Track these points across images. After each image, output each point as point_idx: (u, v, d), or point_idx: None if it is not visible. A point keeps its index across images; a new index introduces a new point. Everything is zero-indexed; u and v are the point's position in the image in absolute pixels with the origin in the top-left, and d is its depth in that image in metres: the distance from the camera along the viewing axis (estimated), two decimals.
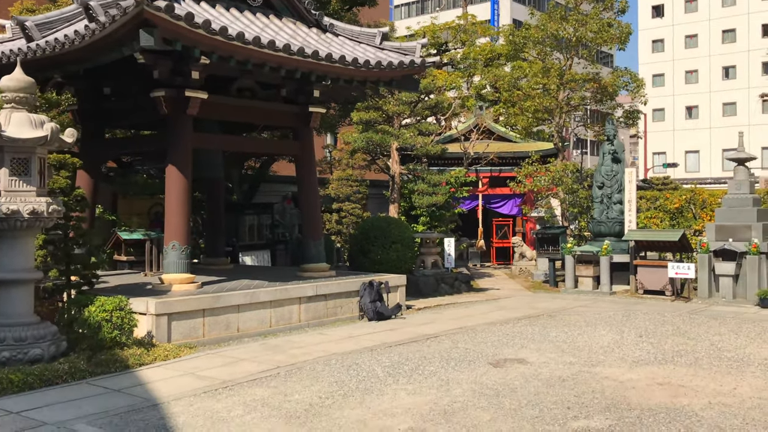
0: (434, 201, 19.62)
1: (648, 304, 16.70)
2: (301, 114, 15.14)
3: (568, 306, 16.40)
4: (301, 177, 15.51)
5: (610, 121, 19.94)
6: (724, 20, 70.46)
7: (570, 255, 19.02)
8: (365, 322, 14.20)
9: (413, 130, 19.68)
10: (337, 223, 21.49)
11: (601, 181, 19.69)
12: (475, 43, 32.08)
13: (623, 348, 11.38)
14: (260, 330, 12.82)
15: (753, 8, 68.02)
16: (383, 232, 18.67)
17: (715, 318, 14.41)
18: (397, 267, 18.59)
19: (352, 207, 21.19)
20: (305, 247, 15.55)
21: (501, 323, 13.94)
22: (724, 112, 69.30)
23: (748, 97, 67.23)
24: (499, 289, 20.28)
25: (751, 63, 67.40)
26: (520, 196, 25.50)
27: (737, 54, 68.64)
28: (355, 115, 19.86)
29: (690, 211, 19.72)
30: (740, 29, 68.90)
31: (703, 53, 71.08)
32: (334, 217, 21.59)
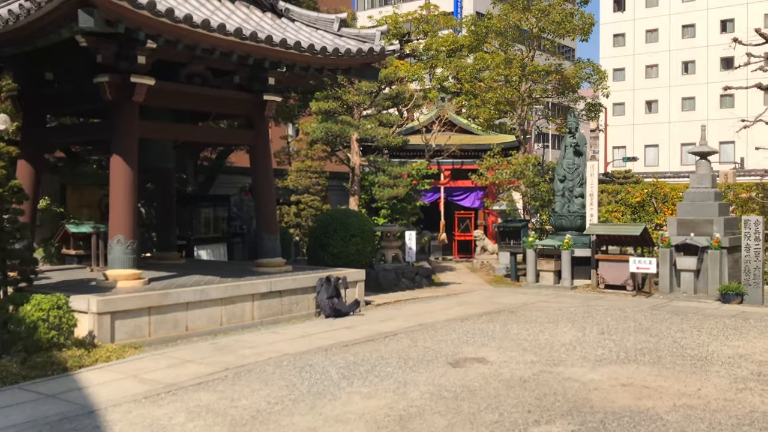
0: (395, 193, 19.18)
1: (609, 299, 16.52)
2: (256, 102, 14.53)
3: (530, 301, 16.13)
4: (255, 167, 14.92)
5: (572, 114, 19.71)
6: (684, 15, 71.26)
7: (531, 249, 18.77)
8: (322, 319, 13.71)
9: (374, 121, 19.19)
10: (295, 216, 20.92)
11: (562, 174, 19.45)
12: (437, 34, 31.67)
13: (585, 346, 11.09)
14: (211, 329, 12.25)
15: (712, 4, 68.92)
16: (342, 225, 18.17)
17: (676, 314, 14.25)
18: (357, 261, 18.13)
19: (311, 199, 20.64)
20: (260, 241, 14.97)
21: (462, 319, 13.57)
22: (683, 107, 70.23)
23: (707, 92, 68.23)
24: (461, 283, 19.95)
25: (709, 58, 68.29)
26: (482, 188, 25.20)
27: (696, 49, 69.49)
28: (314, 104, 19.29)
29: (651, 205, 19.59)
30: (699, 25, 69.72)
31: (663, 48, 71.87)
32: (293, 209, 21.02)
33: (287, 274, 14.21)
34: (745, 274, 15.64)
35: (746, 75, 66.20)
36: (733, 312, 14.46)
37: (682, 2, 70.30)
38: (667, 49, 70.74)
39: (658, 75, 71.23)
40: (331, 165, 24.69)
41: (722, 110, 67.44)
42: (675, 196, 19.40)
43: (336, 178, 24.84)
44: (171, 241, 17.00)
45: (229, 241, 23.25)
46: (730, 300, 15.50)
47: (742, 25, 66.78)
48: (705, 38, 68.59)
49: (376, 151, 21.88)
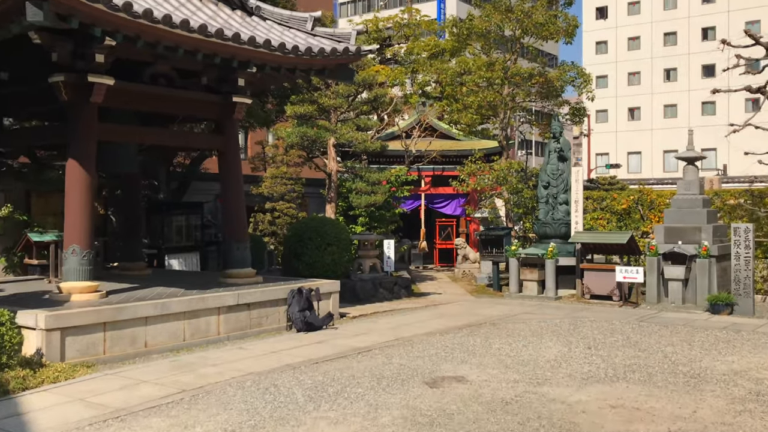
0: (373, 200, 18.47)
1: (595, 310, 15.89)
2: (225, 104, 13.79)
3: (512, 313, 15.46)
4: (224, 173, 14.17)
5: (556, 118, 19.12)
6: (666, 23, 71.40)
7: (514, 258, 18.12)
8: (293, 333, 12.95)
9: (351, 126, 18.49)
10: (270, 224, 20.16)
11: (546, 180, 18.84)
12: (419, 38, 31.06)
13: (571, 362, 10.42)
14: (172, 345, 11.45)
15: (693, 12, 69.10)
16: (318, 233, 17.45)
17: (665, 326, 13.63)
18: (333, 271, 17.42)
19: (287, 207, 19.89)
20: (228, 250, 14.20)
21: (441, 333, 12.86)
22: (665, 114, 70.34)
23: (689, 99, 68.39)
24: (441, 293, 19.26)
25: (691, 66, 68.44)
26: (463, 195, 24.56)
27: (678, 57, 69.62)
28: (289, 108, 18.55)
29: (638, 212, 19.03)
30: (681, 32, 69.87)
31: (646, 55, 71.97)
32: (267, 217, 20.25)
33: (257, 285, 13.45)
34: (734, 283, 15.07)
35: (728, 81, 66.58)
36: (724, 324, 13.86)
37: (664, 10, 70.43)
38: (650, 57, 70.81)
39: (640, 82, 71.28)
40: (309, 172, 23.99)
41: (704, 117, 67.65)
42: (662, 203, 18.84)
43: (314, 185, 24.11)
44: (137, 251, 16.18)
45: (203, 250, 22.45)
46: (720, 311, 14.92)
47: (724, 33, 66.77)
48: (687, 46, 68.75)
49: (354, 157, 21.18)
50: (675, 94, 68.79)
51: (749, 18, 66.92)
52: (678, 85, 68.77)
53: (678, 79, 68.95)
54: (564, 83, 22.44)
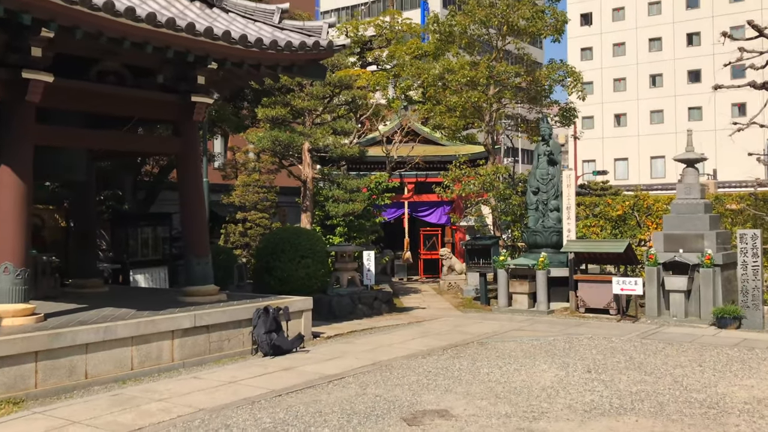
0: (352, 209, 17.19)
1: (591, 325, 14.66)
2: (183, 105, 12.48)
3: (502, 329, 14.19)
4: (182, 180, 12.86)
5: (545, 120, 17.95)
6: (651, 29, 70.99)
7: (503, 269, 16.88)
8: (259, 358, 11.61)
9: (327, 129, 17.24)
10: (241, 236, 18.82)
11: (536, 185, 17.63)
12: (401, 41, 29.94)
13: (570, 390, 9.15)
14: (118, 375, 10.08)
15: (678, 18, 68.69)
16: (291, 245, 16.16)
17: (670, 343, 12.40)
18: (307, 286, 16.14)
19: (259, 216, 18.56)
20: (188, 266, 12.87)
21: (423, 355, 11.57)
22: (651, 120, 69.87)
23: (675, 105, 67.94)
24: (425, 308, 17.97)
25: (677, 71, 67.97)
26: (448, 203, 23.33)
27: (664, 62, 69.20)
28: (260, 111, 17.27)
29: (634, 218, 17.86)
30: (666, 38, 69.50)
31: (631, 61, 71.44)
32: (239, 228, 18.91)
33: (218, 305, 12.11)
34: (742, 294, 13.90)
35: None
36: (734, 340, 12.66)
37: (649, 16, 69.98)
38: (635, 63, 70.29)
39: (626, 88, 70.72)
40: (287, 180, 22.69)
41: (690, 123, 67.13)
42: (659, 209, 17.68)
43: (292, 194, 22.81)
44: (91, 266, 14.80)
45: (171, 264, 21.10)
46: (727, 324, 13.73)
47: (708, 39, 66.59)
48: (672, 51, 68.30)
49: (332, 164, 19.91)
50: (661, 100, 68.30)
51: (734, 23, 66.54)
52: (664, 90, 68.28)
53: (664, 84, 68.46)
54: (553, 82, 21.30)
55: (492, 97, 20.22)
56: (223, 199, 19.64)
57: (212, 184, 22.19)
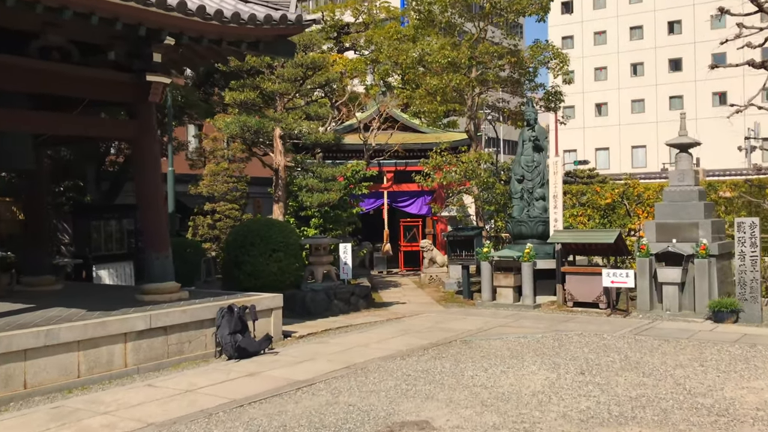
0: (327, 199, 16.19)
1: (581, 320, 13.81)
2: (137, 84, 11.40)
3: (487, 326, 13.30)
4: (138, 167, 11.81)
5: (530, 103, 17.04)
6: (632, 17, 70.46)
7: (486, 261, 15.98)
8: (223, 361, 10.62)
9: (299, 114, 16.20)
10: (210, 228, 17.76)
11: (520, 173, 16.73)
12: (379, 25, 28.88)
13: (563, 395, 8.27)
14: (63, 383, 9.05)
15: (659, 5, 68.19)
16: (261, 238, 15.14)
17: (666, 340, 11.58)
18: (280, 281, 15.14)
19: (229, 208, 17.51)
20: (146, 261, 11.84)
21: (402, 356, 10.64)
22: (632, 109, 69.47)
23: (656, 93, 67.54)
24: (406, 302, 17.05)
25: (658, 60, 67.55)
26: (429, 193, 22.41)
27: (645, 51, 68.76)
28: (228, 95, 16.19)
29: (623, 207, 17.03)
30: (647, 26, 69.03)
31: (612, 50, 70.89)
32: (207, 220, 17.85)
33: (178, 303, 11.08)
34: (740, 286, 13.11)
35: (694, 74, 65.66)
36: (733, 335, 11.86)
37: (630, 4, 69.40)
38: (616, 51, 69.76)
39: (607, 77, 70.19)
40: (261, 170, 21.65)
41: (671, 112, 66.81)
42: (650, 197, 16.86)
43: (265, 184, 21.75)
44: (42, 263, 13.69)
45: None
46: (724, 319, 12.95)
47: (689, 26, 66.25)
48: (653, 40, 67.83)
49: (305, 151, 18.88)
50: (642, 89, 67.83)
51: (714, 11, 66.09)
52: (645, 79, 67.77)
53: (645, 73, 67.97)
54: (539, 64, 20.36)
55: (474, 79, 19.24)
56: (191, 189, 18.57)
57: (180, 174, 21.11)
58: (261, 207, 25.92)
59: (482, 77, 19.57)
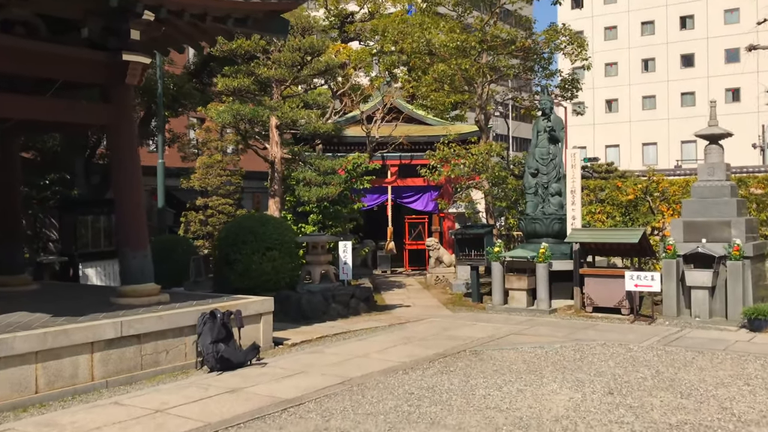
0: (325, 193, 15.04)
1: (602, 328, 12.61)
2: (113, 65, 10.28)
3: (498, 333, 12.11)
4: (114, 156, 10.71)
5: (545, 91, 15.82)
6: (643, 12, 69.18)
7: (497, 262, 14.80)
8: (204, 373, 9.49)
9: (296, 102, 15.04)
10: (202, 224, 16.63)
11: (535, 166, 15.51)
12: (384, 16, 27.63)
13: (590, 420, 7.09)
14: (17, 400, 7.94)
15: (671, 0, 66.91)
16: (255, 235, 14.04)
17: (700, 352, 10.38)
18: (274, 281, 14.06)
19: (222, 203, 16.37)
20: (123, 260, 10.72)
21: (405, 370, 9.48)
22: (643, 106, 68.24)
23: (668, 90, 66.32)
24: (410, 305, 15.88)
25: (669, 56, 66.32)
26: (436, 188, 21.22)
27: (657, 46, 67.50)
28: (221, 81, 15.04)
29: (646, 203, 15.80)
30: (659, 21, 67.75)
31: (623, 45, 69.58)
32: (199, 216, 16.72)
33: (156, 308, 9.95)
34: None
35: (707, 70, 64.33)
36: None
37: None
38: (627, 47, 68.44)
39: (617, 73, 68.86)
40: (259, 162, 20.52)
41: (684, 109, 65.69)
42: (675, 192, 15.62)
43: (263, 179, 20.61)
44: (16, 261, 12.61)
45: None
46: (762, 327, 11.74)
47: (702, 21, 64.93)
48: (665, 35, 66.50)
49: (304, 142, 17.72)
50: (654, 85, 66.52)
51: (728, 6, 64.97)
52: (656, 75, 66.44)
53: (656, 69, 66.66)
54: (555, 49, 19.10)
55: (485, 66, 17.98)
56: (183, 182, 17.44)
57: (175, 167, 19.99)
58: (260, 202, 24.79)
59: (493, 64, 18.31)
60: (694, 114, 64.39)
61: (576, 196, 14.40)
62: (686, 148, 62.01)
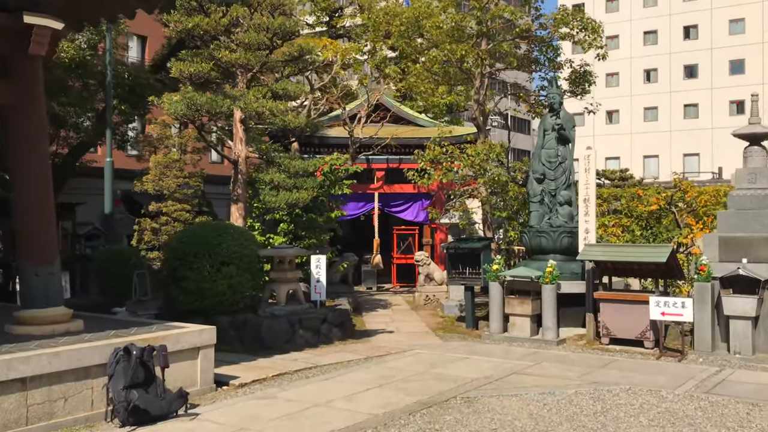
0: (295, 199, 12.81)
1: (623, 365, 10.37)
2: (13, 29, 8.08)
3: (497, 372, 9.87)
4: (14, 146, 8.45)
5: (554, 83, 13.67)
6: (646, 21, 67.77)
7: (497, 282, 12.59)
8: (115, 428, 7.24)
9: (263, 91, 12.87)
10: (154, 234, 14.40)
11: (541, 171, 13.32)
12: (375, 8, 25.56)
13: None
14: None
15: (675, 9, 65.66)
16: (209, 247, 11.82)
17: (754, 404, 8.15)
18: (230, 303, 11.87)
19: (178, 209, 14.15)
20: (23, 279, 8.52)
21: (376, 428, 7.24)
22: (645, 117, 66.99)
23: (670, 101, 64.89)
24: (393, 331, 13.64)
25: (672, 66, 64.89)
26: (428, 196, 19.02)
27: (659, 57, 66.10)
28: (175, 66, 12.84)
29: (671, 215, 13.61)
30: (662, 31, 66.46)
31: (624, 55, 68.00)
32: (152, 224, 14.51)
33: (57, 340, 7.69)
34: None
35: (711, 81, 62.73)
36: None
37: (644, 7, 66.57)
38: (629, 57, 66.75)
39: (618, 84, 67.13)
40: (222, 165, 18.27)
41: (686, 121, 64.19)
42: (705, 203, 13.44)
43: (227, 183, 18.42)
44: None
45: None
46: None
47: (706, 32, 63.37)
48: (668, 45, 65.04)
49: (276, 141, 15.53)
50: (655, 96, 65.04)
51: (733, 16, 63.54)
52: (659, 86, 64.89)
53: (659, 80, 65.11)
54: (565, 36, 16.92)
55: (484, 52, 15.73)
56: (136, 185, 15.24)
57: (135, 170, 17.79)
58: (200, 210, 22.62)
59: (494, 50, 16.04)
60: (697, 126, 62.95)
61: (590, 206, 12.18)
62: (688, 161, 60.51)
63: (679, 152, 63.81)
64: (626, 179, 20.48)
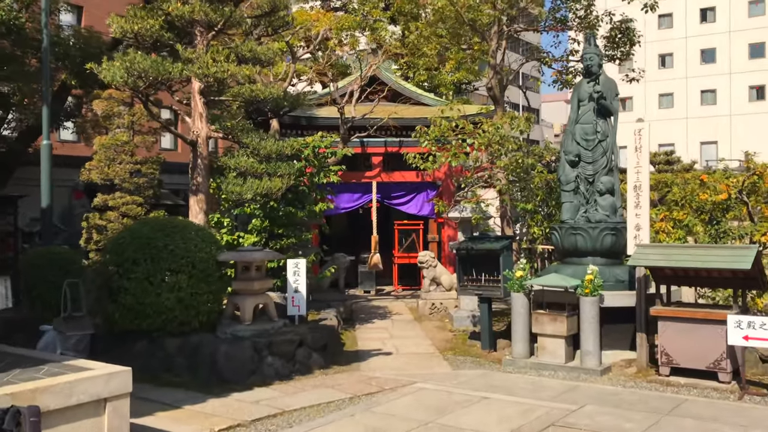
0: (267, 188, 10.18)
1: (698, 410, 7.67)
2: None
3: (528, 423, 7.21)
4: None
5: (591, 40, 10.91)
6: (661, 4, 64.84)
7: (521, 293, 9.91)
8: None
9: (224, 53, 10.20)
10: (98, 232, 11.78)
11: (575, 151, 10.59)
12: None
13: None
14: None
15: None
16: (152, 250, 9.21)
17: None
18: (181, 321, 9.26)
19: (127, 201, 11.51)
20: None
21: None
22: (660, 104, 64.77)
23: (686, 87, 62.69)
24: (391, 352, 10.98)
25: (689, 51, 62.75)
26: (434, 185, 16.32)
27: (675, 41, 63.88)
28: (115, 23, 10.21)
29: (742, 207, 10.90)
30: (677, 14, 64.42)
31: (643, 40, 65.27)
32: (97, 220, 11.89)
33: None
34: None
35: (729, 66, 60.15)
36: None
37: None
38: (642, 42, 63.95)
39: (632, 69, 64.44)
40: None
41: (703, 107, 61.85)
42: None
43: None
44: None
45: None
46: None
47: (724, 14, 60.92)
48: (684, 29, 62.74)
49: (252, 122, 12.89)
50: (671, 82, 62.75)
51: None
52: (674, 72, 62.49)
53: (674, 65, 62.74)
54: None
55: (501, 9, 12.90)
56: (82, 173, 12.64)
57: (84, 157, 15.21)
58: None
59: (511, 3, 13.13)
60: (715, 113, 60.58)
61: (642, 196, 9.44)
62: (706, 150, 58.10)
63: (696, 140, 61.71)
64: (672, 162, 17.62)
